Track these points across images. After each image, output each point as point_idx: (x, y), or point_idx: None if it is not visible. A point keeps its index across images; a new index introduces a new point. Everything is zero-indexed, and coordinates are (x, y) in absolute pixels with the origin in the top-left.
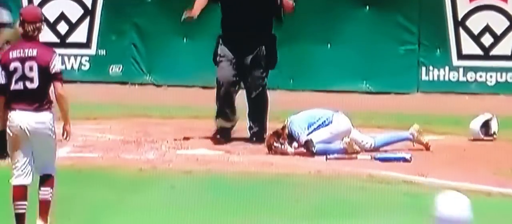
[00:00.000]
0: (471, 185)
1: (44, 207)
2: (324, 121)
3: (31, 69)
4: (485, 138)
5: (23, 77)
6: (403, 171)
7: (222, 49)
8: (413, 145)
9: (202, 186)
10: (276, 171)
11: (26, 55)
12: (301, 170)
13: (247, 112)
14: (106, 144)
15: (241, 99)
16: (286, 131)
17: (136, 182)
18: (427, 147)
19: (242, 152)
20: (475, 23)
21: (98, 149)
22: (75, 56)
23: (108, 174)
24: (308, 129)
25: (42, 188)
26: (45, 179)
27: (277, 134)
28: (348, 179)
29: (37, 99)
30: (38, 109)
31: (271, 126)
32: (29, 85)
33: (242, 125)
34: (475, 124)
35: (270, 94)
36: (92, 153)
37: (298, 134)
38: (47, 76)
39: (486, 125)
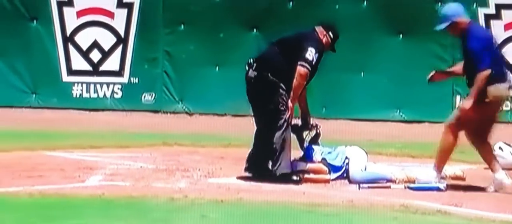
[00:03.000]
0: (505, 216)
1: None
2: (337, 148)
3: None
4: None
5: None
6: (437, 201)
7: None
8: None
9: (233, 215)
10: (307, 201)
11: None
12: (333, 200)
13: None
14: (137, 173)
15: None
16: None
17: (167, 212)
18: (462, 178)
19: (274, 181)
20: (510, 51)
21: (129, 178)
22: (108, 84)
23: (139, 203)
24: (322, 150)
25: None
26: None
27: None
28: (381, 209)
29: None
30: None
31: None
32: None
33: None
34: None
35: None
36: (123, 182)
37: (313, 151)
38: None
39: None
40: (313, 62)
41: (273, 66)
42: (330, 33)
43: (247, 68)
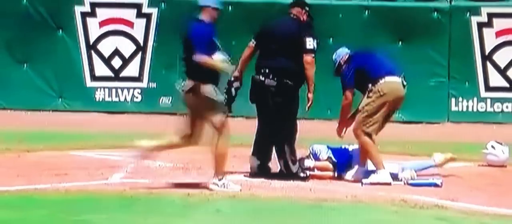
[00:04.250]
0: (499, 210)
1: None
2: (342, 146)
3: None
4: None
5: None
6: (434, 196)
7: None
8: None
9: (245, 209)
10: (314, 196)
11: None
12: (338, 195)
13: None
14: (156, 171)
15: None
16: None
17: (184, 207)
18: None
19: (283, 178)
20: (501, 58)
21: (148, 175)
22: (128, 88)
23: (158, 199)
24: (328, 150)
25: None
26: None
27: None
28: (382, 203)
29: None
30: None
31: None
32: None
33: None
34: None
35: (308, 124)
36: (143, 179)
37: (319, 151)
38: None
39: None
40: (315, 49)
41: (287, 72)
42: (306, 8)
43: (261, 77)
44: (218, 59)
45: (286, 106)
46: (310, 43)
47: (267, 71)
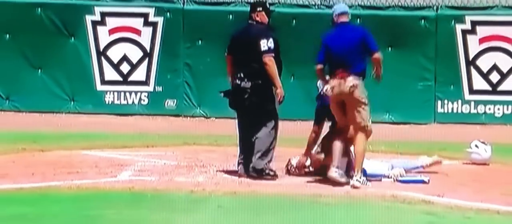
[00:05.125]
0: (482, 205)
1: None
2: None
3: None
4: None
5: None
6: (422, 192)
7: None
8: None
9: (245, 205)
10: (310, 192)
11: None
12: (332, 191)
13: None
14: (161, 169)
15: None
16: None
17: (188, 202)
18: (439, 162)
19: (281, 176)
20: (484, 63)
21: (155, 173)
22: (136, 92)
23: (163, 195)
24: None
25: None
26: None
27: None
28: (374, 199)
29: None
30: None
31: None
32: None
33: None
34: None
35: (303, 125)
36: (150, 176)
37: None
38: None
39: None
40: (272, 47)
41: (259, 73)
42: (258, 8)
43: (238, 81)
44: None
45: (262, 105)
46: (264, 44)
47: (241, 75)
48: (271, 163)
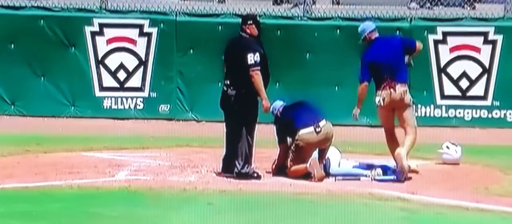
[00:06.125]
0: (452, 201)
1: None
2: None
3: None
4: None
5: None
6: (397, 190)
7: None
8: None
9: (234, 202)
10: (294, 191)
11: None
12: (315, 190)
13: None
14: (156, 169)
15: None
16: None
17: (180, 200)
18: (416, 171)
19: (266, 175)
20: (454, 70)
21: (150, 173)
22: (131, 97)
23: (158, 193)
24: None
25: None
26: None
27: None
28: (353, 196)
29: None
30: None
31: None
32: None
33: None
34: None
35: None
36: (145, 176)
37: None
38: None
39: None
40: (258, 61)
41: (244, 83)
42: (249, 22)
43: (225, 88)
44: None
45: (244, 113)
46: (251, 58)
47: (228, 82)
48: (252, 165)
